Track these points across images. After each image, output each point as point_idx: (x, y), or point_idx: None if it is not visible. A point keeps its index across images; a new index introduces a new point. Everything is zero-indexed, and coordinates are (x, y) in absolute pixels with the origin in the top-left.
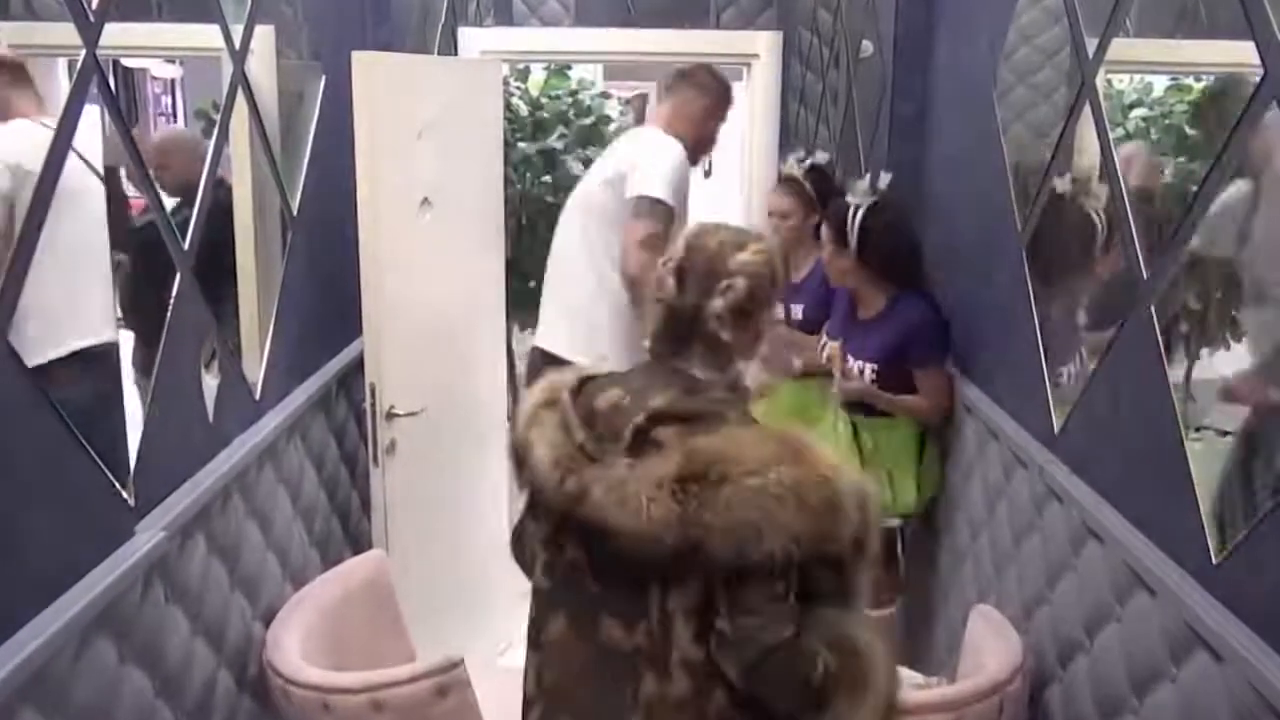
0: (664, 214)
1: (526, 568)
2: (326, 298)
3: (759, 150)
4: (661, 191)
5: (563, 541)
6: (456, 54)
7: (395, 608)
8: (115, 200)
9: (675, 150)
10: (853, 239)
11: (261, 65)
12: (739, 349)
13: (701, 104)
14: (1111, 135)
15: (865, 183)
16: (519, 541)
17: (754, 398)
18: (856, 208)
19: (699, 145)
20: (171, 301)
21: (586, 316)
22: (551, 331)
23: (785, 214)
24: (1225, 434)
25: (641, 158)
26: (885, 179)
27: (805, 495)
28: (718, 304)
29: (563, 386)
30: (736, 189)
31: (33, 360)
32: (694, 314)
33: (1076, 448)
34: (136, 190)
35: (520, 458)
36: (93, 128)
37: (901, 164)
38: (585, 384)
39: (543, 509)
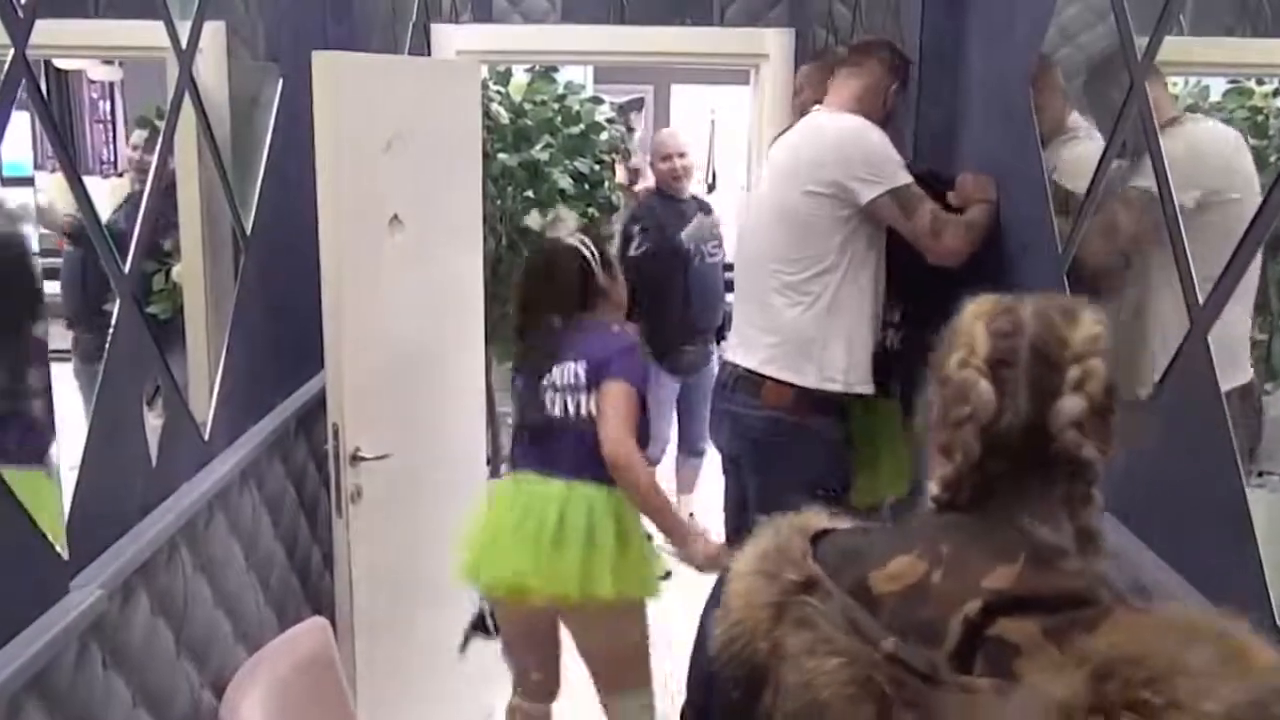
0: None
1: None
2: (284, 327)
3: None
4: (895, 176)
5: None
6: (429, 54)
7: (340, 683)
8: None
9: (872, 129)
10: None
11: (211, 66)
12: (1095, 471)
13: (889, 84)
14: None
15: None
16: None
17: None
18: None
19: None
20: (110, 331)
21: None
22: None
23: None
24: None
25: (847, 151)
26: None
27: None
28: (1074, 404)
29: (801, 553)
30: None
31: None
32: (1031, 431)
33: (1124, 494)
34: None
35: (754, 675)
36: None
37: (928, 176)
38: (821, 542)
39: None
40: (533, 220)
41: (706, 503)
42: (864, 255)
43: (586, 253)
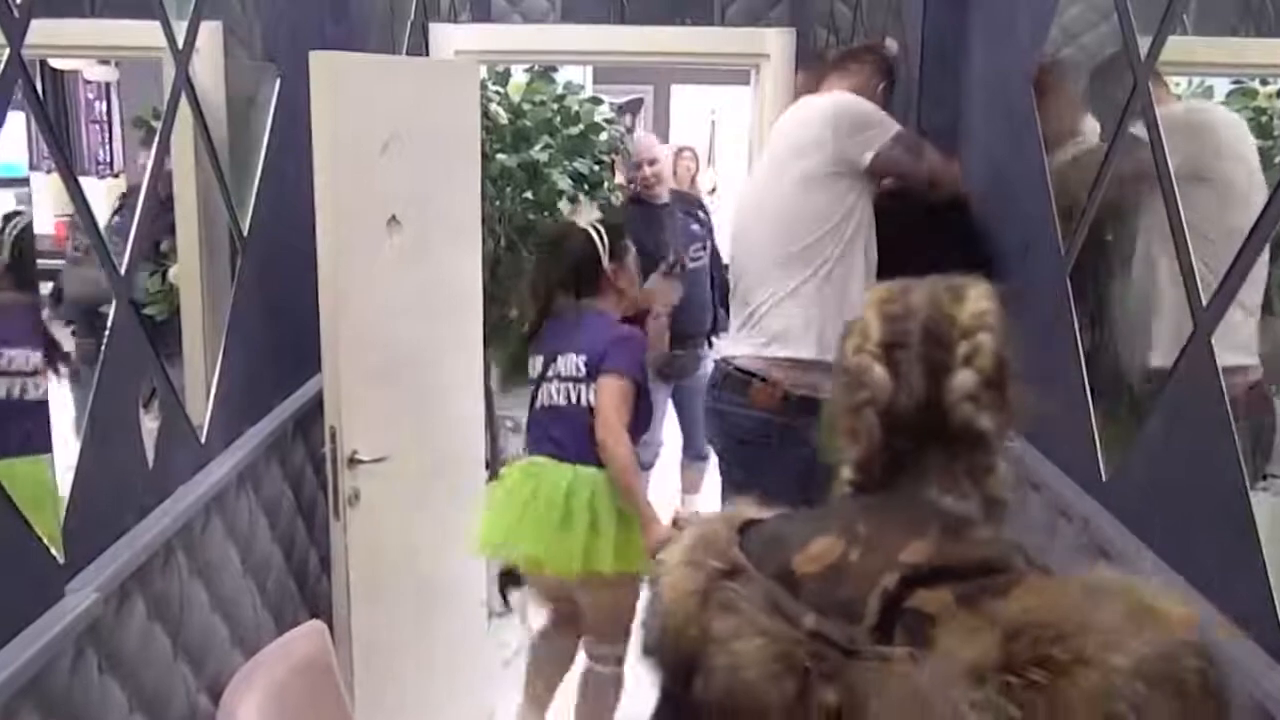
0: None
1: None
2: (281, 329)
3: None
4: (892, 125)
5: None
6: (427, 54)
7: (337, 688)
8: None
9: (855, 97)
10: None
11: (207, 67)
12: (995, 441)
13: (876, 83)
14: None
15: None
16: None
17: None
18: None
19: None
20: (106, 333)
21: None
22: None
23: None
24: None
25: (839, 120)
26: None
27: (1182, 677)
28: (966, 379)
29: (727, 542)
30: None
31: None
32: (927, 407)
33: (1128, 498)
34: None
35: (686, 662)
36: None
37: None
38: (748, 531)
39: None
40: (562, 205)
41: (712, 504)
42: (855, 237)
43: (596, 238)
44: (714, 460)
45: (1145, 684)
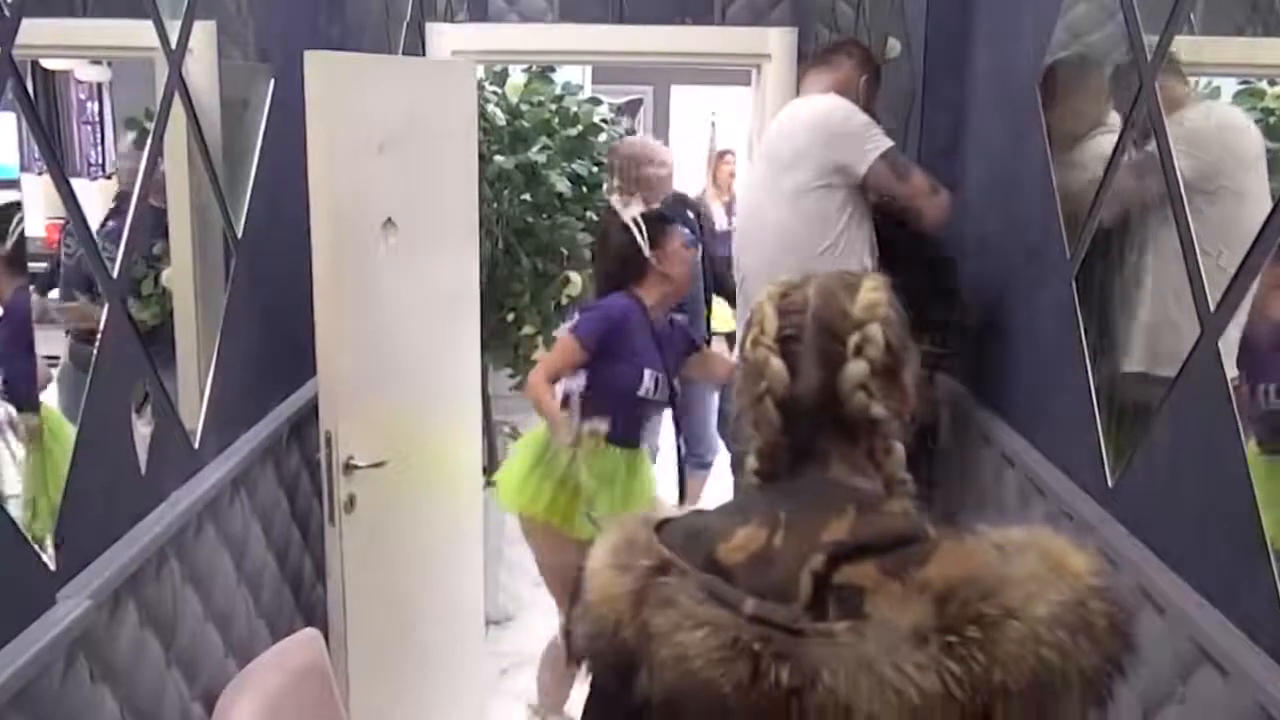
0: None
1: None
2: (276, 333)
3: None
4: (883, 141)
5: None
6: (424, 54)
7: (333, 697)
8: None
9: (844, 103)
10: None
11: (201, 67)
12: (891, 426)
13: (860, 76)
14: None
15: None
16: None
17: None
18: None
19: None
20: (98, 337)
21: None
22: None
23: None
24: None
25: (831, 130)
26: None
27: (1092, 619)
28: (857, 369)
29: (649, 541)
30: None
31: None
32: (823, 397)
33: (1134, 504)
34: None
35: (623, 663)
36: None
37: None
38: (663, 529)
39: None
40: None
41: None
42: (851, 248)
43: (636, 230)
44: (715, 467)
45: (1065, 630)
